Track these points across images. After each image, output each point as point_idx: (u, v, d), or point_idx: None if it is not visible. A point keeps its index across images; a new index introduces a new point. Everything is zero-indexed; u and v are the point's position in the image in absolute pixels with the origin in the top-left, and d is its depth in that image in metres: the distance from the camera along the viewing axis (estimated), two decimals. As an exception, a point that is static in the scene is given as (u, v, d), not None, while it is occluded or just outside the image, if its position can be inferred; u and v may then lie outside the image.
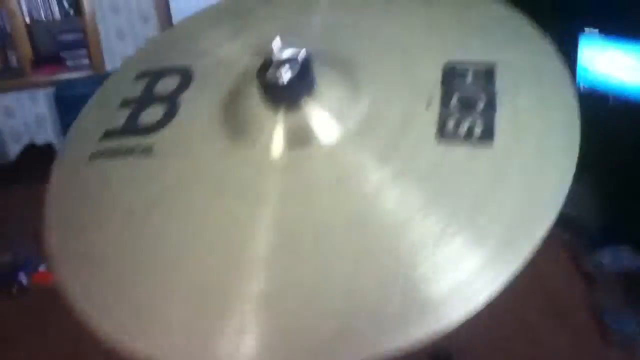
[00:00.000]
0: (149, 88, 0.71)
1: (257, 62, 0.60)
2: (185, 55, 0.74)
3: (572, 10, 2.48)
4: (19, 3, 3.56)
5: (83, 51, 3.77)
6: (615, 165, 2.43)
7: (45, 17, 3.65)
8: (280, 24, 0.67)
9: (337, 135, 0.60)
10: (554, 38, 0.66)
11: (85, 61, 3.77)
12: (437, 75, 0.62)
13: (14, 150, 3.78)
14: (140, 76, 0.73)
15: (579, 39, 2.49)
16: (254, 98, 0.61)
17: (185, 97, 0.68)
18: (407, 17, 0.70)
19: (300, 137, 0.60)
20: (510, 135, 0.57)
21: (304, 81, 0.59)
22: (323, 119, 0.60)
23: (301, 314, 0.51)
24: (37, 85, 3.73)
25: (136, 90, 0.71)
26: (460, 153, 0.56)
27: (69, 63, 3.75)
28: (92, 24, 3.73)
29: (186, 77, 0.70)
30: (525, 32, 0.67)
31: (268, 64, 0.58)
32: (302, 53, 0.58)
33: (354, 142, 0.59)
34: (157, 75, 0.72)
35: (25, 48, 3.65)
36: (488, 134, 0.57)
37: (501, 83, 0.60)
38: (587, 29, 2.47)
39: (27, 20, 3.62)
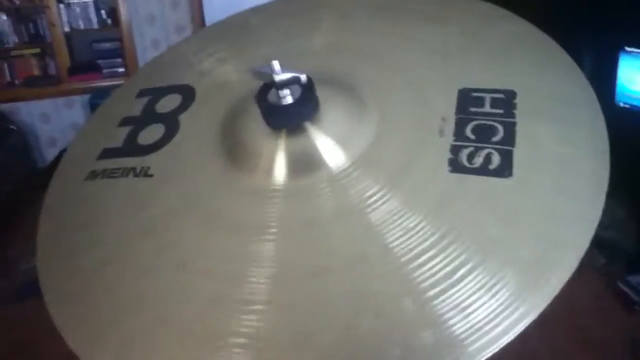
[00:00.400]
0: (150, 106, 0.68)
1: (258, 84, 0.57)
2: (187, 74, 0.72)
3: (612, 28, 2.39)
4: (58, 12, 3.64)
5: (119, 60, 3.83)
6: (655, 186, 2.32)
7: (83, 26, 3.73)
8: (284, 45, 0.64)
9: (342, 161, 0.56)
10: (594, 55, 0.61)
11: (121, 70, 3.84)
12: (451, 101, 0.57)
13: (49, 155, 3.86)
14: (142, 94, 0.71)
15: (619, 57, 2.41)
16: (255, 121, 0.57)
17: (186, 116, 0.66)
18: (419, 37, 0.66)
19: (303, 163, 0.56)
20: (530, 168, 0.52)
21: (306, 104, 0.55)
22: (327, 144, 0.56)
23: (297, 356, 0.47)
24: (73, 93, 3.80)
25: (137, 108, 0.69)
26: (474, 186, 0.52)
27: (104, 71, 3.82)
28: (128, 33, 3.79)
29: (188, 96, 0.67)
30: (550, 54, 0.61)
31: (268, 87, 0.55)
32: (304, 75, 0.54)
33: (360, 170, 0.55)
34: (159, 93, 0.70)
35: (64, 56, 3.74)
36: (506, 168, 0.52)
37: (521, 111, 0.55)
38: (627, 48, 2.38)
39: (66, 29, 3.71)
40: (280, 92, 0.54)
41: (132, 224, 0.59)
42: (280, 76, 0.54)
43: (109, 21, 3.79)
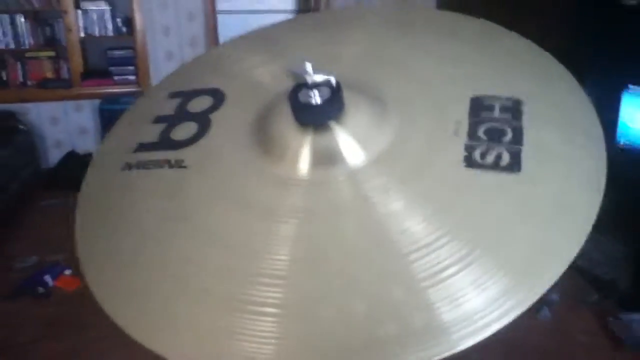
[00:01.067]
0: (182, 106, 0.73)
1: (289, 85, 0.62)
2: (218, 77, 0.77)
3: (616, 67, 2.46)
4: (75, 18, 3.73)
5: (131, 68, 3.91)
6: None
7: (98, 33, 3.81)
8: (313, 52, 0.69)
9: (362, 158, 0.61)
10: (596, 93, 0.67)
11: (132, 77, 3.91)
12: (464, 107, 0.63)
13: (53, 157, 3.91)
14: (173, 95, 0.76)
15: (622, 95, 2.47)
16: (284, 119, 0.63)
17: (217, 116, 0.71)
18: (437, 50, 0.72)
19: (326, 158, 0.61)
20: (535, 167, 0.58)
21: (333, 105, 0.60)
22: (349, 142, 0.61)
23: (321, 324, 0.52)
24: (83, 97, 3.86)
25: (170, 108, 0.74)
26: (485, 181, 0.57)
27: (116, 78, 3.89)
28: (142, 42, 3.87)
29: (218, 98, 0.72)
30: (550, 67, 0.68)
31: (300, 87, 0.60)
32: (333, 78, 0.60)
33: (379, 166, 0.60)
34: (190, 95, 0.75)
35: (77, 61, 3.81)
36: (515, 165, 0.57)
37: (527, 116, 0.61)
38: (630, 86, 2.44)
39: (82, 34, 3.78)
40: (310, 92, 0.59)
41: (168, 209, 0.63)
42: (313, 77, 0.59)
43: (124, 29, 3.87)
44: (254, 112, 0.68)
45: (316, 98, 0.59)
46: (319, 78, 0.60)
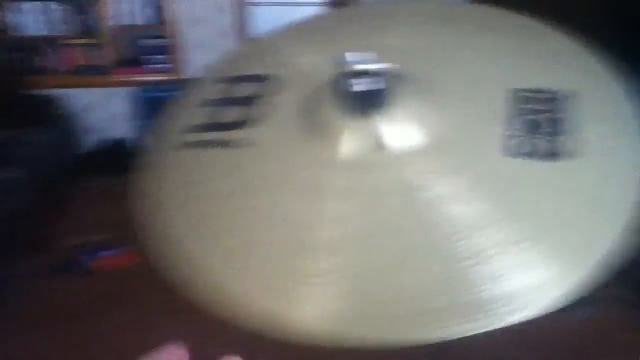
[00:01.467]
0: (231, 91, 0.79)
1: (336, 73, 0.66)
2: (266, 64, 0.81)
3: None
4: (110, 7, 3.83)
5: (163, 57, 4.00)
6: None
7: (132, 22, 3.91)
8: (360, 43, 0.74)
9: (408, 144, 0.65)
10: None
11: (164, 66, 4.00)
12: (505, 99, 0.66)
13: (89, 142, 4.03)
14: (222, 81, 0.81)
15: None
16: (332, 105, 0.67)
17: (266, 100, 0.76)
18: (476, 42, 0.76)
19: (372, 143, 0.65)
20: (574, 159, 0.61)
21: (378, 92, 0.65)
22: (396, 128, 0.65)
23: (375, 291, 0.56)
24: (118, 84, 3.97)
25: (219, 92, 0.79)
26: (525, 170, 0.61)
27: (149, 66, 3.99)
28: (174, 32, 3.96)
29: (267, 84, 0.78)
30: (591, 63, 0.71)
31: (347, 75, 0.65)
32: (379, 66, 0.65)
33: (422, 153, 0.64)
34: (238, 80, 0.80)
35: (112, 49, 3.91)
36: (554, 155, 0.61)
37: (567, 108, 0.65)
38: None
39: (116, 23, 3.89)
40: (357, 80, 0.64)
41: (223, 185, 0.69)
42: (358, 66, 0.64)
43: (157, 19, 3.96)
44: (302, 98, 0.73)
45: (362, 86, 0.65)
46: (366, 66, 0.65)
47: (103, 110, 4.06)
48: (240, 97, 0.78)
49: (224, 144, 0.73)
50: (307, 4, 4.77)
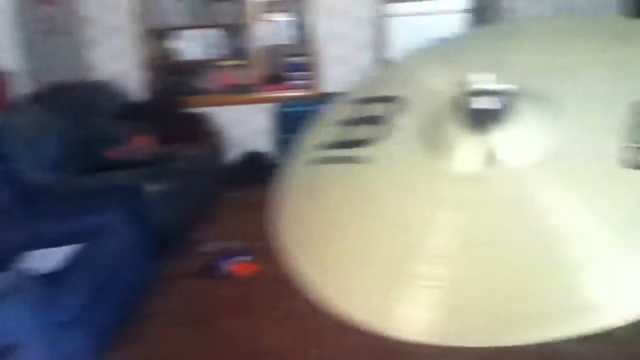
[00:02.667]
0: (362, 111, 0.85)
1: (462, 92, 0.69)
2: (396, 86, 0.87)
3: None
4: (260, 29, 4.10)
5: (304, 73, 4.19)
6: None
7: (279, 42, 4.15)
8: (488, 61, 0.76)
9: (527, 158, 0.66)
10: None
11: (304, 82, 4.19)
12: (628, 109, 0.65)
13: (236, 155, 4.33)
14: (355, 102, 0.88)
15: None
16: (456, 122, 0.70)
17: (396, 119, 0.81)
18: (604, 55, 0.74)
19: (492, 157, 0.67)
20: None
21: (495, 110, 0.66)
22: (516, 144, 0.67)
23: (474, 298, 0.59)
24: (264, 101, 4.23)
25: (355, 112, 0.86)
26: None
27: (291, 83, 4.20)
28: (316, 49, 4.13)
29: (398, 104, 0.82)
30: None
31: (473, 93, 0.67)
32: (503, 86, 0.66)
33: (541, 165, 0.65)
34: (369, 101, 0.86)
35: (260, 68, 4.18)
36: None
37: None
38: None
39: (265, 43, 4.15)
40: (482, 98, 0.66)
41: (353, 196, 0.75)
42: (485, 85, 0.66)
43: (301, 38, 4.16)
44: (425, 116, 0.78)
45: (487, 103, 0.66)
46: (491, 86, 0.67)
47: (250, 126, 4.34)
48: (369, 116, 0.84)
49: (351, 160, 0.80)
50: (448, 12, 4.71)
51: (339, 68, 4.13)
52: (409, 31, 4.34)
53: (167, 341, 2.42)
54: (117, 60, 4.20)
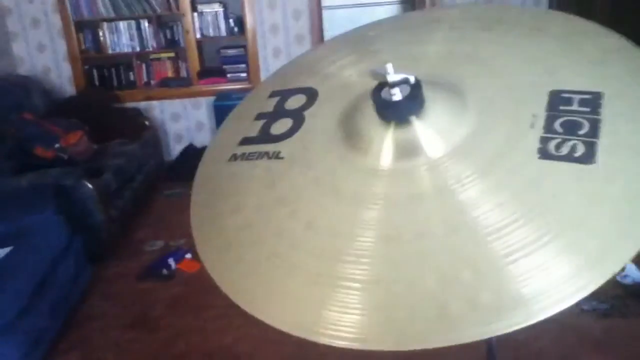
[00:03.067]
0: (281, 104, 0.83)
1: (373, 84, 0.68)
2: (312, 77, 0.85)
3: None
4: (192, 20, 4.02)
5: (242, 66, 4.14)
6: None
7: (213, 34, 4.08)
8: (398, 52, 0.75)
9: (442, 150, 0.66)
10: None
11: (243, 75, 4.14)
12: (543, 100, 0.66)
13: (175, 150, 4.24)
14: (273, 94, 0.86)
15: None
16: (369, 115, 0.69)
17: (310, 112, 0.79)
18: (519, 46, 0.74)
19: (407, 150, 0.67)
20: (610, 160, 0.60)
21: (413, 101, 0.66)
22: (430, 135, 0.66)
23: (400, 298, 0.58)
24: (200, 94, 4.16)
25: (270, 105, 0.84)
26: (559, 171, 0.61)
27: (229, 76, 4.14)
28: (252, 41, 4.09)
29: (312, 96, 0.81)
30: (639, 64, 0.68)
31: (382, 85, 0.66)
32: (413, 77, 0.65)
33: (457, 157, 0.65)
34: (287, 93, 0.84)
35: (195, 60, 4.10)
36: (590, 156, 0.60)
37: (606, 110, 0.63)
38: None
39: (198, 35, 4.07)
40: (392, 90, 0.65)
41: (267, 195, 0.72)
42: (393, 77, 0.65)
43: (236, 30, 4.10)
44: (342, 109, 0.76)
45: (397, 95, 0.65)
46: (399, 77, 0.66)
47: (189, 120, 4.26)
48: (288, 109, 0.82)
49: (270, 155, 0.76)
50: (382, 3, 4.77)
51: (276, 60, 4.11)
52: (345, 22, 4.38)
53: (110, 345, 2.36)
54: (43, 54, 4.01)
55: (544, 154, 0.61)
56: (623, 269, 2.44)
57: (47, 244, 2.36)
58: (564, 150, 0.61)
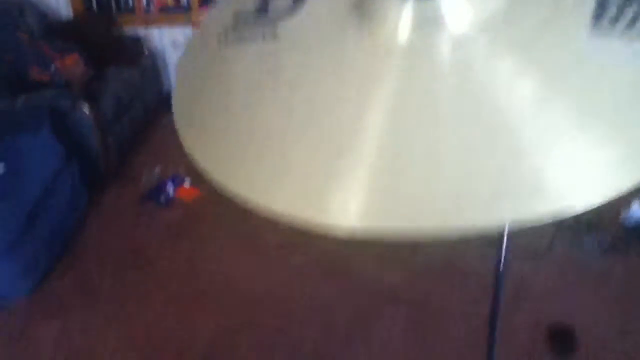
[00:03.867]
0: None
1: None
2: None
3: None
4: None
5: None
6: None
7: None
8: None
9: (468, 22, 0.58)
10: None
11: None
12: None
13: (174, 79, 4.13)
14: None
15: None
16: None
17: None
18: None
19: (428, 21, 0.58)
20: None
21: None
22: (454, 3, 0.58)
23: (411, 179, 0.52)
24: (199, 23, 4.01)
25: None
26: (612, 49, 0.52)
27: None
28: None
29: None
30: None
31: None
32: None
33: (486, 31, 0.57)
34: None
35: (196, -14, 3.93)
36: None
37: None
38: None
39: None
40: None
41: (268, 75, 0.65)
42: None
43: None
44: None
45: None
46: None
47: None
48: None
49: (266, 36, 0.69)
50: None
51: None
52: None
53: (106, 273, 2.34)
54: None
55: (599, 27, 0.53)
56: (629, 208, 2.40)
57: (42, 167, 2.31)
58: (621, 23, 0.53)
